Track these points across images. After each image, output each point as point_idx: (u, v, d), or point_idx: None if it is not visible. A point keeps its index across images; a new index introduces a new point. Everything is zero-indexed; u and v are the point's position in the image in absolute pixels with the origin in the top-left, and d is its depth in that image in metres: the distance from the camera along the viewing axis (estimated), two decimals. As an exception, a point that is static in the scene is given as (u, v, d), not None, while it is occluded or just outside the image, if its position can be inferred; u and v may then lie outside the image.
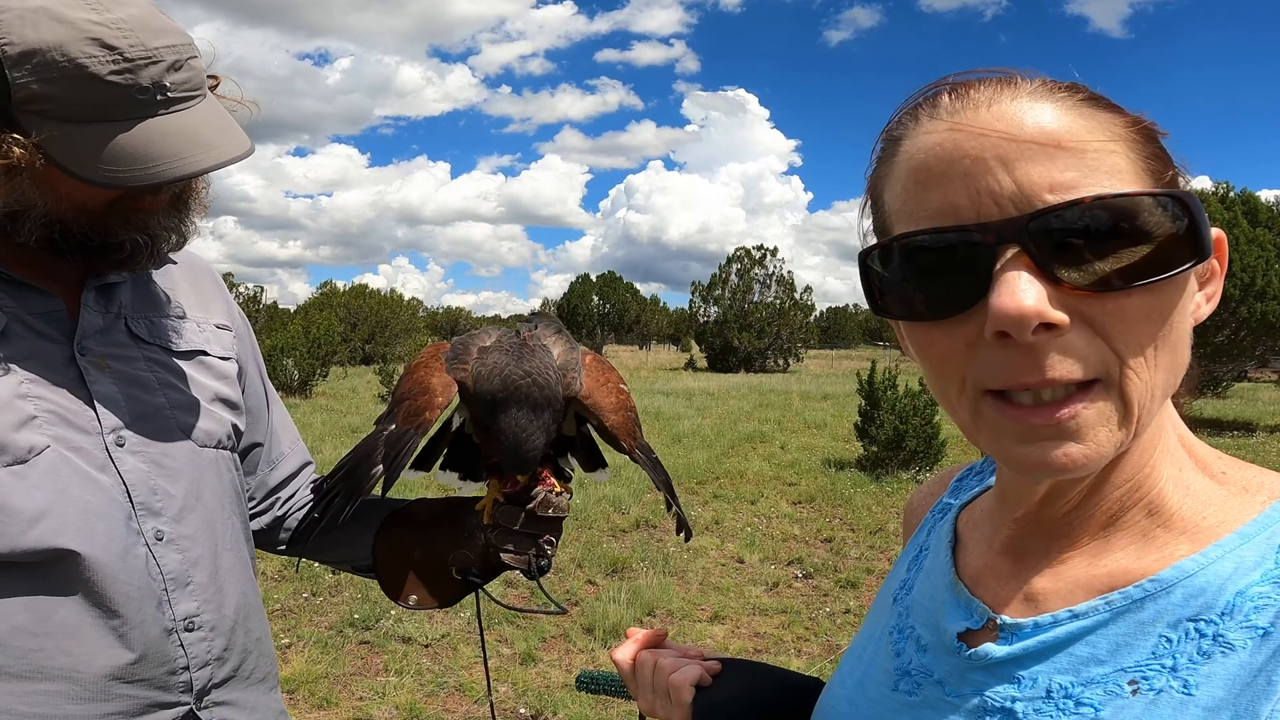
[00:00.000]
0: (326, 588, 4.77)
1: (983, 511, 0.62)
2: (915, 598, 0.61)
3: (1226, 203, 12.78)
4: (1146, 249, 0.44)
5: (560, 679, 3.70)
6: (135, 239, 0.87)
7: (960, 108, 0.48)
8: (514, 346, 0.97)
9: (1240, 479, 0.52)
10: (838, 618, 4.52)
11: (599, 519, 6.36)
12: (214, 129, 0.83)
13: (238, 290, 27.52)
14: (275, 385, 1.20)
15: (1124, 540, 0.51)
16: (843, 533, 6.26)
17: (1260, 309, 11.93)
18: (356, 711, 3.40)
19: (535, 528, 1.00)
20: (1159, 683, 0.45)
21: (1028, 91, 0.48)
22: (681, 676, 0.71)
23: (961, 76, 0.50)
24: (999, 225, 0.45)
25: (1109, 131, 0.47)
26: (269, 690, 1.01)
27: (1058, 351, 0.45)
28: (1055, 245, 0.44)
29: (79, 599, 0.80)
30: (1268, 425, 13.14)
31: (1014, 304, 0.43)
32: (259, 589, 1.04)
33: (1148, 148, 0.48)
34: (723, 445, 10.21)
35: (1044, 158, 0.45)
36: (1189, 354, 0.49)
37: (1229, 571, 0.46)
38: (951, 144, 0.47)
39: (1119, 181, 0.45)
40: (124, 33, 0.76)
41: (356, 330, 31.83)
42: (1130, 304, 0.45)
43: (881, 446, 8.23)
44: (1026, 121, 0.46)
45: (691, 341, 43.21)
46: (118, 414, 0.87)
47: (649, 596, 4.67)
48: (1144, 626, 0.47)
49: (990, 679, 0.51)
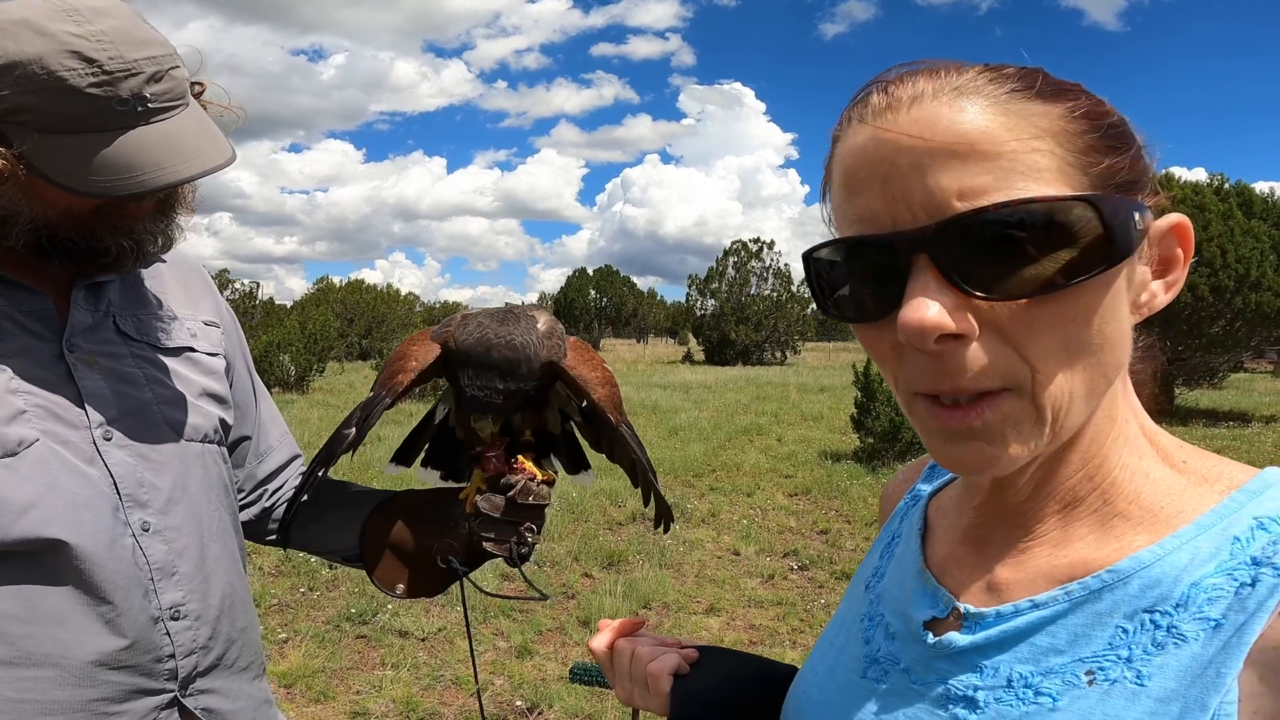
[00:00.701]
0: (323, 582, 4.78)
1: (951, 499, 0.62)
2: (886, 585, 0.62)
3: (1221, 194, 12.78)
4: (1055, 256, 0.44)
5: (556, 672, 3.72)
6: (121, 243, 0.89)
7: (883, 109, 0.48)
8: (499, 312, 1.00)
9: (1200, 468, 0.52)
10: (833, 609, 4.53)
11: (595, 512, 6.37)
12: (196, 137, 0.84)
13: (233, 286, 27.48)
14: (272, 382, 1.22)
15: (1083, 530, 0.51)
16: (839, 525, 6.28)
17: (1255, 299, 11.93)
18: (354, 706, 3.41)
19: (517, 515, 1.02)
20: (1114, 673, 0.46)
21: (952, 86, 0.46)
22: (659, 665, 0.71)
23: (900, 69, 0.50)
24: (911, 234, 0.45)
25: (1033, 127, 0.45)
26: (253, 679, 1.03)
27: (968, 359, 0.45)
28: (960, 255, 0.44)
29: (67, 588, 0.83)
30: (1263, 416, 13.18)
31: (915, 317, 0.44)
32: (248, 581, 1.06)
33: (1084, 139, 0.46)
34: (719, 438, 10.22)
35: (956, 162, 0.44)
36: (1126, 351, 0.49)
37: (1184, 562, 0.47)
38: (873, 148, 0.47)
39: (1037, 183, 0.44)
40: (103, 45, 0.77)
41: (353, 326, 31.76)
42: (1040, 312, 0.45)
43: (877, 438, 8.25)
44: (941, 124, 0.45)
45: (689, 335, 43.23)
46: (105, 409, 0.89)
47: (645, 589, 4.69)
48: (1101, 617, 0.47)
49: (954, 667, 0.51)
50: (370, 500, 1.12)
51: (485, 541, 1.02)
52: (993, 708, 0.49)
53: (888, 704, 0.54)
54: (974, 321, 0.45)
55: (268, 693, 1.07)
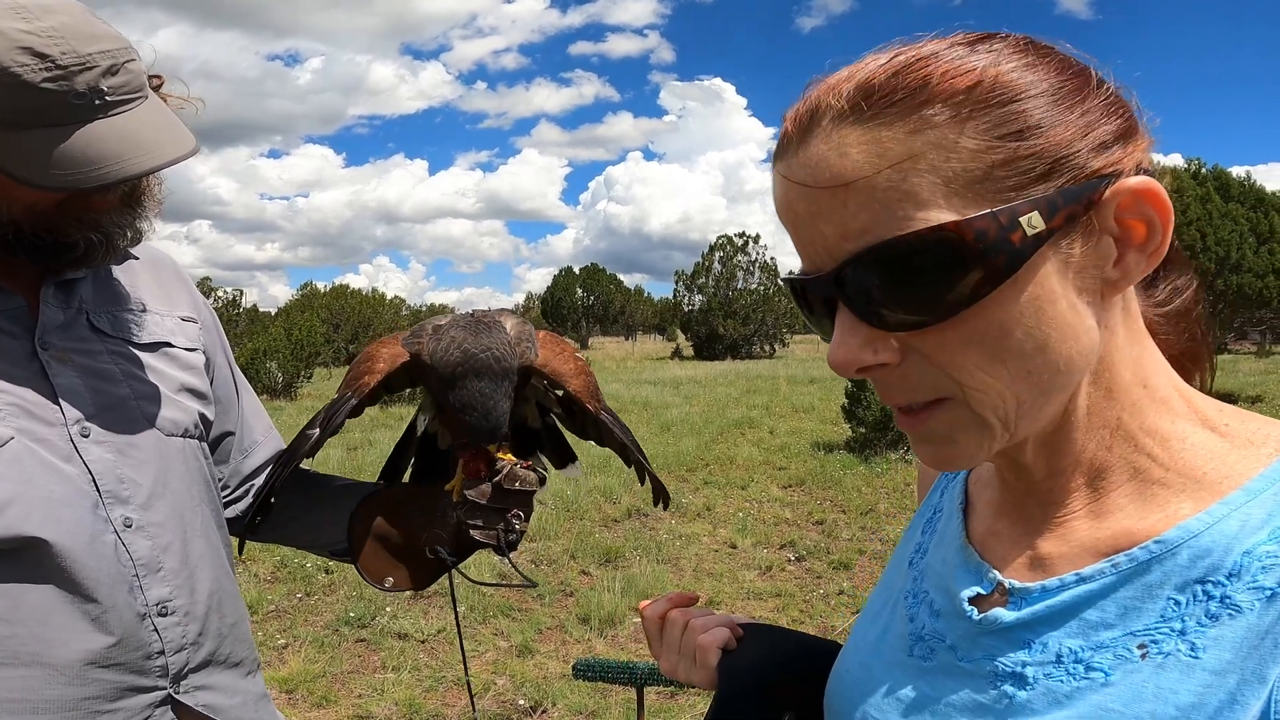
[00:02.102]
0: (320, 587, 4.75)
1: (990, 472, 0.61)
2: (929, 561, 0.61)
3: (1199, 179, 12.91)
4: (946, 280, 0.44)
5: (558, 669, 3.71)
6: (89, 237, 0.88)
7: (784, 148, 0.49)
8: (470, 323, 1.00)
9: (1244, 431, 0.50)
10: (831, 599, 4.56)
11: (590, 509, 6.36)
12: (156, 129, 0.84)
13: (216, 295, 27.26)
14: (260, 389, 1.21)
15: (1121, 499, 0.50)
16: (834, 515, 6.30)
17: (1236, 282, 12.07)
18: (356, 709, 3.39)
19: (503, 502, 1.02)
20: (1167, 646, 0.45)
21: (832, 115, 0.46)
22: (710, 638, 0.71)
23: (814, 79, 0.49)
24: (820, 278, 0.48)
25: (902, 148, 0.44)
26: (247, 674, 1.02)
27: (895, 381, 0.49)
28: (861, 293, 0.46)
29: (49, 586, 0.82)
30: (1249, 396, 13.32)
31: (835, 355, 0.48)
32: (235, 577, 1.05)
33: (965, 142, 0.44)
34: (711, 432, 10.24)
35: (837, 205, 0.45)
36: (1082, 339, 0.47)
37: (1235, 530, 0.45)
38: (781, 194, 0.49)
39: (915, 211, 0.44)
40: (55, 40, 0.77)
41: (339, 331, 31.60)
42: (950, 334, 0.45)
43: (869, 428, 8.28)
44: (822, 168, 0.46)
45: (677, 330, 43.26)
46: (81, 406, 0.89)
47: (643, 585, 4.69)
48: (1151, 589, 0.46)
49: (1001, 644, 0.51)
50: (357, 492, 1.12)
51: (473, 530, 1.02)
52: (1042, 684, 0.48)
53: (934, 682, 0.53)
54: (896, 347, 0.47)
55: (264, 688, 1.06)
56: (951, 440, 0.49)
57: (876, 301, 0.46)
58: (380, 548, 1.08)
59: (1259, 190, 12.85)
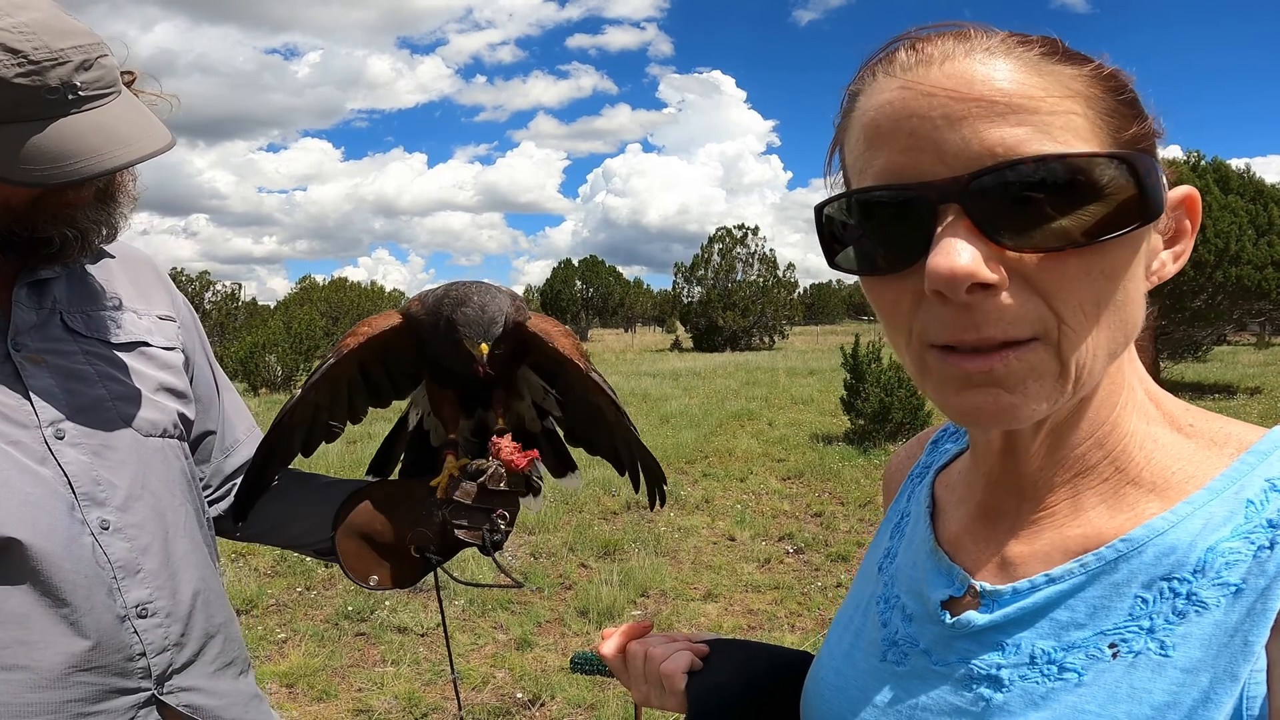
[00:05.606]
0: (320, 581, 4.77)
1: (958, 474, 0.62)
2: (899, 566, 0.61)
3: (1198, 171, 12.87)
4: (1089, 210, 0.44)
5: (556, 663, 3.73)
6: (64, 233, 0.88)
7: (913, 64, 0.48)
8: (459, 283, 1.02)
9: (1208, 431, 0.51)
10: (830, 591, 4.57)
11: (589, 502, 6.38)
12: (131, 124, 0.84)
13: (215, 288, 27.19)
14: (259, 382, 1.21)
15: (1094, 500, 0.51)
16: (832, 507, 6.31)
17: (1235, 273, 12.04)
18: (356, 703, 3.41)
19: (489, 502, 1.02)
20: (1137, 644, 0.45)
21: (984, 47, 0.47)
22: (673, 665, 0.71)
23: (925, 29, 0.50)
24: (941, 184, 0.45)
25: (1065, 88, 0.46)
26: (237, 675, 1.02)
27: (995, 310, 0.45)
28: (995, 205, 0.44)
29: (26, 588, 0.82)
30: (1248, 387, 13.33)
31: (947, 264, 0.44)
32: (220, 576, 1.05)
33: (1107, 102, 0.47)
34: (710, 424, 10.24)
35: (992, 116, 0.45)
36: (1142, 314, 0.49)
37: (1199, 528, 0.46)
38: (901, 102, 0.47)
39: (1073, 140, 0.45)
40: (27, 36, 0.77)
41: (339, 324, 31.56)
42: (1070, 264, 0.45)
43: (868, 419, 8.29)
44: (977, 79, 0.45)
45: (676, 322, 43.19)
46: (56, 407, 0.88)
47: (641, 577, 4.70)
48: (1119, 588, 0.47)
49: (975, 647, 0.51)
50: (342, 490, 1.11)
51: (458, 529, 1.02)
52: (1018, 685, 0.48)
53: (909, 686, 0.54)
54: (1004, 272, 0.45)
55: (255, 688, 1.06)
56: (1021, 387, 0.46)
57: (1014, 216, 0.44)
58: (365, 546, 1.08)
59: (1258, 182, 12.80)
